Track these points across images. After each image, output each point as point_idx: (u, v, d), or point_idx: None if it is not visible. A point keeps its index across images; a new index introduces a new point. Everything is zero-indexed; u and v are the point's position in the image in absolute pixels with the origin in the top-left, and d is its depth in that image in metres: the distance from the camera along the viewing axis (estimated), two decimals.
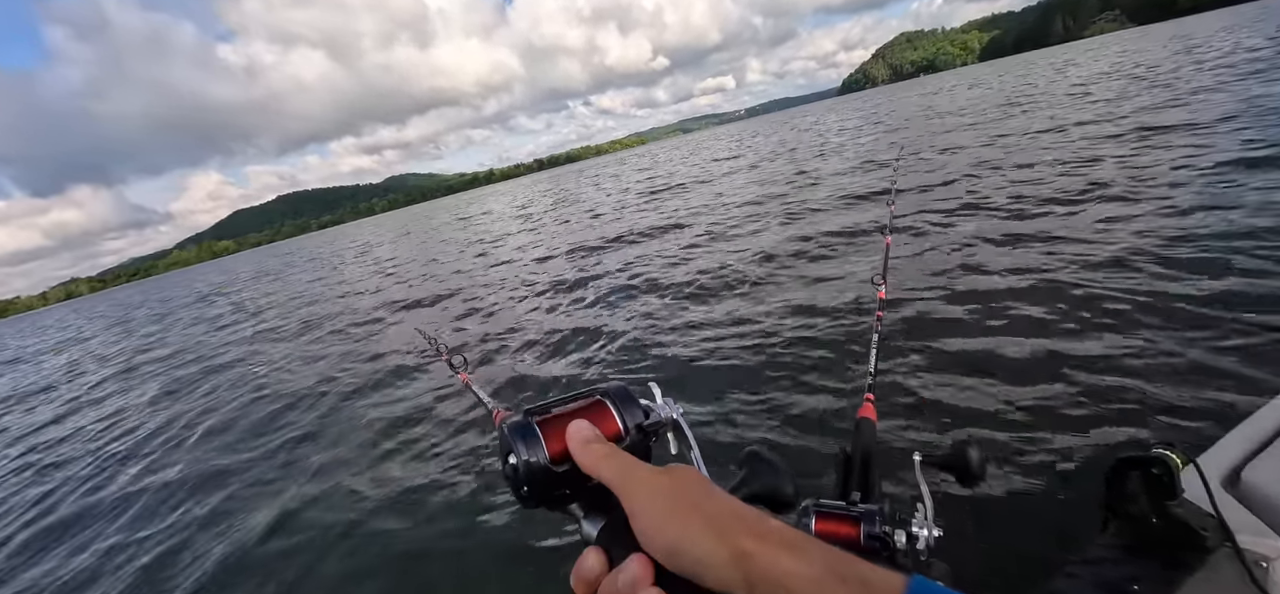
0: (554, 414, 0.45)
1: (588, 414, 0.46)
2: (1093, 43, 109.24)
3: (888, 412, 2.95)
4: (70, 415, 8.14)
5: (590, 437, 0.42)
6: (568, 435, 0.42)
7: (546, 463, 0.41)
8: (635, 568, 0.36)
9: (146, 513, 4.13)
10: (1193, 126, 8.42)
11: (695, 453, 0.48)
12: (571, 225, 15.09)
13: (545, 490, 0.42)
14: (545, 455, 0.42)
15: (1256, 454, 0.96)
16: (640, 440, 0.46)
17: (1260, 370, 2.57)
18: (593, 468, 0.40)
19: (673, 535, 0.35)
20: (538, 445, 0.42)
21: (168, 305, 26.91)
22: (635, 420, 0.47)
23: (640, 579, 0.35)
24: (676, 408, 0.50)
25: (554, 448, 0.42)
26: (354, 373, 6.34)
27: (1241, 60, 16.00)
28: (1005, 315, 3.80)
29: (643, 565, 0.36)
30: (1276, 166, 5.57)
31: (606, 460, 0.40)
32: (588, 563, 0.38)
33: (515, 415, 0.45)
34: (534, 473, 0.41)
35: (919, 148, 13.50)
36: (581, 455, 0.41)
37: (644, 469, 0.39)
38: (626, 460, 0.40)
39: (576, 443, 0.42)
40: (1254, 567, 0.80)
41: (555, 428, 0.43)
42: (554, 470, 0.41)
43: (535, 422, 0.43)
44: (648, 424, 0.47)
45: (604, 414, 0.46)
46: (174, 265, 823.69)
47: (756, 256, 7.01)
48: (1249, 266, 3.58)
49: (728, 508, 0.37)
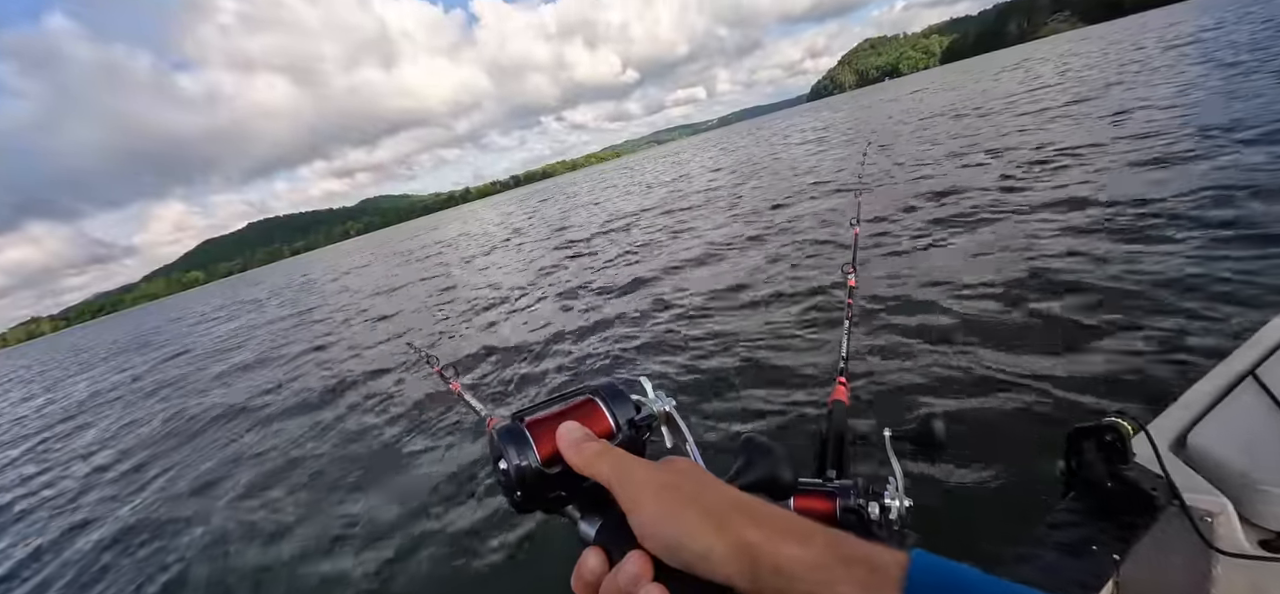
0: (544, 416, 0.44)
1: (578, 413, 0.45)
2: (1045, 43, 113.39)
3: (859, 393, 3.07)
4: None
5: (581, 436, 0.41)
6: (558, 437, 0.41)
7: (538, 466, 0.40)
8: (635, 564, 0.35)
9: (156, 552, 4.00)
10: (1139, 114, 8.81)
11: (690, 444, 0.48)
12: (551, 240, 15.07)
13: (539, 494, 0.41)
14: (536, 458, 0.41)
15: (1199, 420, 1.02)
16: (633, 436, 0.46)
17: (1203, 341, 2.74)
18: (586, 467, 0.39)
19: (672, 530, 0.35)
20: (528, 448, 0.41)
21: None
22: (627, 416, 0.46)
23: (640, 575, 0.35)
24: (668, 401, 0.49)
25: (545, 450, 0.41)
26: (344, 390, 6.22)
27: (1162, 51, 16.88)
28: (967, 298, 3.97)
29: (642, 561, 0.35)
30: (1223, 150, 5.85)
31: (599, 458, 0.39)
32: (588, 563, 0.38)
33: (505, 420, 0.44)
34: (526, 477, 0.40)
35: (886, 144, 13.97)
36: (573, 456, 0.40)
37: (639, 465, 0.38)
38: (621, 457, 0.39)
39: (567, 444, 0.40)
40: (1200, 522, 0.86)
41: (546, 430, 0.42)
42: (546, 473, 0.40)
43: (524, 424, 0.43)
44: (640, 419, 0.46)
45: (595, 412, 0.46)
46: (142, 299, 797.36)
47: (733, 252, 7.16)
48: (1191, 249, 3.76)
49: (727, 498, 0.36)
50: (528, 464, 0.40)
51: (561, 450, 0.41)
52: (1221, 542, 0.87)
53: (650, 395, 0.49)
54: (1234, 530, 0.88)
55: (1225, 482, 0.91)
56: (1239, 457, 0.91)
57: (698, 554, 0.34)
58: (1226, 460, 0.92)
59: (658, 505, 0.36)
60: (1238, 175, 4.93)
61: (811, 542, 0.33)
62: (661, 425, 0.49)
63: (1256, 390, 1.03)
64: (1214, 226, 4.02)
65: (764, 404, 3.32)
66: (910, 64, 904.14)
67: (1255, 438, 0.94)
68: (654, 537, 0.35)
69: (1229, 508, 0.89)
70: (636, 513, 0.36)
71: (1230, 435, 0.96)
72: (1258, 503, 0.88)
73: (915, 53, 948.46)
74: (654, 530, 0.35)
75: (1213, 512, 0.88)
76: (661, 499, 0.36)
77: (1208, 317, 2.95)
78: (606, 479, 0.38)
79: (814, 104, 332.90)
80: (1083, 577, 0.81)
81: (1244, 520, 0.89)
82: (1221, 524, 0.89)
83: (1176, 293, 3.26)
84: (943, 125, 15.25)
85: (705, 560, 0.34)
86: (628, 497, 0.37)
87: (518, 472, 0.40)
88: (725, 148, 41.67)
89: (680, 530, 0.34)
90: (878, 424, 0.83)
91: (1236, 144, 5.96)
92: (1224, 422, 1.00)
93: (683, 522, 0.35)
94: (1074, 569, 0.82)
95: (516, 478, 0.40)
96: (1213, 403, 1.06)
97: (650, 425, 0.47)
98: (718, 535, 0.34)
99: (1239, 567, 0.86)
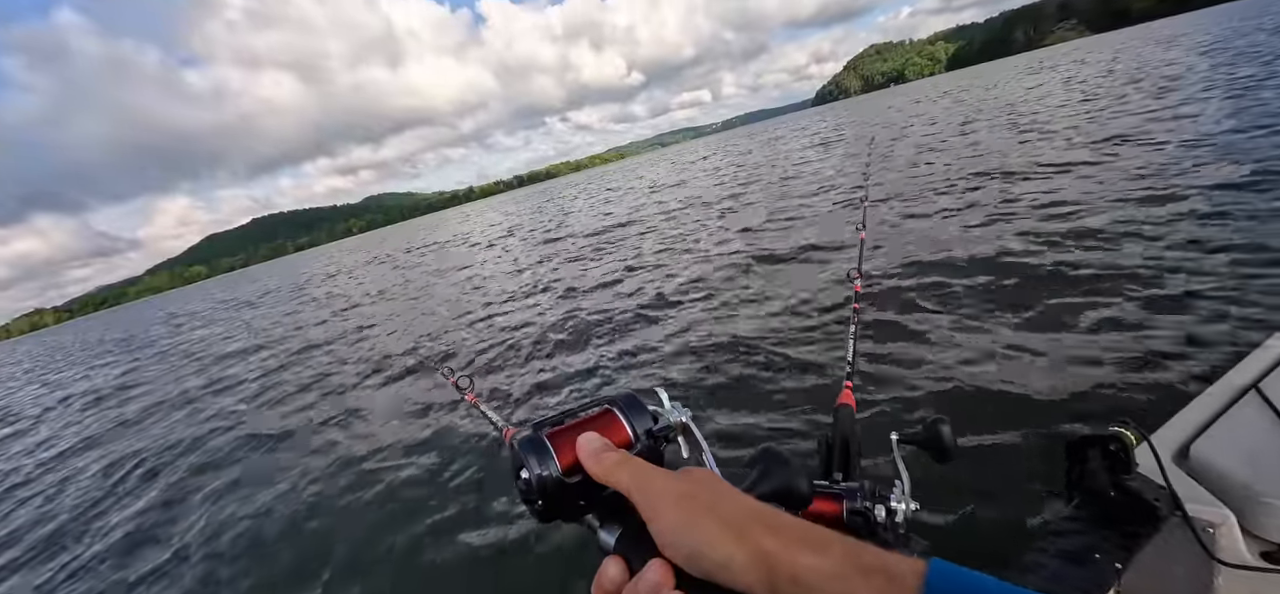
0: (564, 426, 0.45)
1: (597, 423, 0.46)
2: (1053, 50, 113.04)
3: (866, 397, 3.08)
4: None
5: (600, 447, 0.42)
6: (578, 448, 0.42)
7: (559, 475, 0.41)
8: (656, 573, 0.36)
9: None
10: (1147, 126, 8.80)
11: (707, 454, 0.49)
12: (558, 243, 15.06)
13: (560, 503, 0.42)
14: (557, 468, 0.41)
15: (1202, 431, 1.04)
16: (651, 446, 0.46)
17: (1209, 355, 2.74)
18: (606, 477, 0.40)
19: (692, 539, 0.35)
20: (549, 459, 0.42)
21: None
22: (645, 426, 0.47)
23: (661, 583, 0.35)
24: (685, 411, 0.50)
25: (566, 460, 0.42)
26: (359, 401, 6.02)
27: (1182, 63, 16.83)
28: (975, 303, 3.97)
29: (663, 571, 0.36)
30: (1225, 159, 5.85)
31: (619, 468, 0.40)
32: (608, 572, 0.38)
33: (525, 430, 0.45)
34: (547, 486, 0.41)
35: (892, 148, 13.96)
36: (593, 466, 0.41)
37: (658, 475, 0.39)
38: (640, 467, 0.40)
39: (587, 454, 0.41)
40: (1202, 533, 0.87)
41: (566, 440, 0.43)
42: (567, 482, 0.41)
43: (545, 435, 0.44)
44: (657, 429, 0.47)
45: (614, 423, 0.46)
46: (145, 292, 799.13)
47: (740, 258, 7.14)
48: (1196, 263, 3.76)
49: (745, 508, 0.37)
50: (549, 474, 0.41)
51: (581, 460, 0.41)
52: (1223, 553, 0.88)
53: (667, 406, 0.50)
54: (1236, 541, 0.89)
55: (1227, 493, 0.92)
56: (1241, 468, 0.92)
57: (717, 563, 0.34)
58: (1229, 472, 0.93)
59: (677, 514, 0.36)
60: (1248, 190, 4.92)
61: (829, 551, 0.33)
62: (679, 435, 0.50)
63: (1259, 404, 1.04)
64: (1219, 240, 4.01)
65: (771, 408, 3.33)
66: (916, 70, 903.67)
67: (1258, 450, 0.95)
68: (674, 545, 0.36)
69: (1231, 519, 0.89)
70: (656, 522, 0.37)
71: (1233, 447, 0.97)
72: (1260, 515, 0.89)
73: (921, 59, 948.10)
74: (674, 539, 0.36)
75: (1215, 523, 0.89)
76: (681, 508, 0.36)
77: (1211, 329, 2.95)
78: (626, 488, 0.39)
79: (819, 109, 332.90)
80: (1085, 585, 0.81)
81: (1246, 532, 0.90)
82: (1223, 535, 0.90)
83: (1182, 305, 3.26)
84: (950, 130, 15.26)
85: (725, 569, 0.34)
86: (647, 506, 0.37)
87: (539, 481, 0.41)
88: (729, 150, 41.68)
89: (700, 539, 0.35)
90: (885, 428, 0.83)
91: (1244, 156, 5.95)
92: (1227, 434, 1.01)
93: (702, 531, 0.35)
94: (1076, 577, 0.83)
95: (538, 487, 0.41)
96: (1216, 415, 1.07)
97: (668, 435, 0.48)
98: (737, 544, 0.34)
99: (1240, 578, 0.87)
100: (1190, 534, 0.86)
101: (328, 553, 3.26)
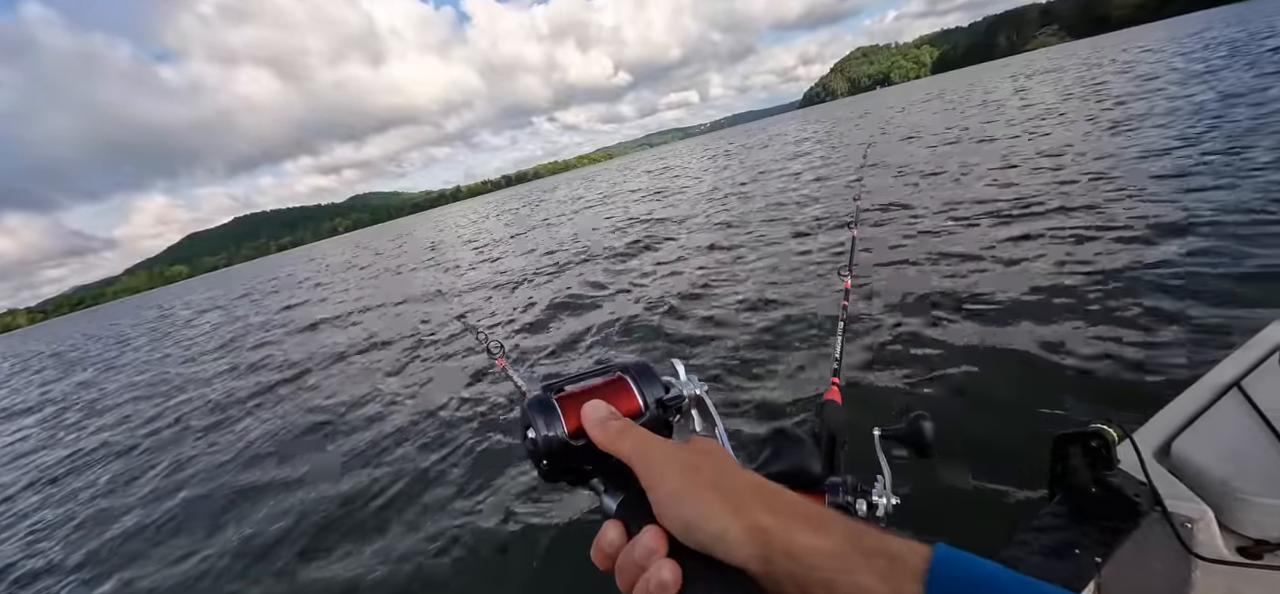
0: (574, 390, 0.46)
1: (607, 390, 0.46)
2: (1035, 55, 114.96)
3: (852, 393, 3.09)
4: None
5: (605, 415, 0.42)
6: (583, 415, 0.42)
7: (565, 438, 0.42)
8: (650, 539, 0.36)
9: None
10: (1132, 125, 8.96)
11: (719, 428, 0.49)
12: (545, 243, 14.99)
13: (564, 465, 0.42)
14: (564, 431, 0.42)
15: (1183, 429, 1.05)
16: (659, 416, 0.46)
17: (1189, 355, 2.79)
18: (609, 445, 0.40)
19: (689, 509, 0.35)
20: (557, 421, 0.42)
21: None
22: (655, 396, 0.47)
23: (655, 549, 0.35)
24: (700, 384, 0.49)
25: (573, 423, 0.42)
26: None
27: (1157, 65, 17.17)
28: (960, 302, 4.02)
29: (657, 536, 0.36)
30: (1222, 164, 5.96)
31: (622, 436, 0.40)
32: (607, 536, 0.39)
33: (536, 390, 0.45)
34: (552, 447, 0.42)
35: (881, 148, 14.10)
36: (597, 433, 0.41)
37: (661, 444, 0.39)
38: (643, 436, 0.40)
39: (592, 422, 0.41)
40: (1181, 528, 0.88)
41: (575, 404, 0.43)
42: (572, 445, 0.42)
43: (555, 398, 0.44)
44: (668, 399, 0.47)
45: (624, 390, 0.46)
46: (123, 292, 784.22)
47: (724, 252, 7.20)
48: (1179, 261, 3.84)
49: (746, 483, 0.37)
50: (554, 435, 0.42)
51: (586, 427, 0.42)
52: (1201, 548, 0.89)
53: (682, 377, 0.49)
54: (1213, 537, 0.90)
55: (1207, 489, 0.93)
56: (1220, 465, 0.93)
57: (713, 535, 0.34)
58: (1208, 469, 0.94)
59: (677, 484, 0.36)
60: (1233, 191, 5.01)
61: (830, 531, 0.33)
62: (692, 408, 0.49)
63: (1239, 401, 1.05)
64: (1203, 243, 4.08)
65: (758, 401, 3.35)
66: (902, 73, 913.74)
67: (1237, 448, 0.96)
68: (671, 514, 0.36)
69: (1209, 515, 0.90)
70: (655, 490, 0.37)
71: (1213, 445, 0.98)
72: (1237, 510, 0.90)
73: (907, 62, 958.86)
74: (671, 508, 0.36)
75: (1193, 518, 0.90)
76: (682, 478, 0.37)
77: (1194, 329, 3.00)
78: (628, 457, 0.39)
79: (807, 110, 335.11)
80: (1065, 579, 0.82)
81: (1223, 527, 0.91)
82: (1201, 530, 0.90)
83: (1165, 304, 3.31)
84: (937, 129, 15.45)
85: (720, 541, 0.34)
86: (647, 474, 0.38)
87: (545, 442, 0.42)
88: (718, 151, 41.79)
89: (697, 510, 0.35)
90: (868, 424, 0.83)
91: (1232, 159, 6.06)
92: (1207, 431, 1.02)
93: (700, 502, 0.35)
94: (1056, 571, 0.83)
95: (544, 448, 0.42)
96: (1197, 412, 1.08)
97: (678, 406, 0.48)
98: (733, 517, 0.34)
99: (1217, 572, 0.88)
100: (1169, 529, 0.87)
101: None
